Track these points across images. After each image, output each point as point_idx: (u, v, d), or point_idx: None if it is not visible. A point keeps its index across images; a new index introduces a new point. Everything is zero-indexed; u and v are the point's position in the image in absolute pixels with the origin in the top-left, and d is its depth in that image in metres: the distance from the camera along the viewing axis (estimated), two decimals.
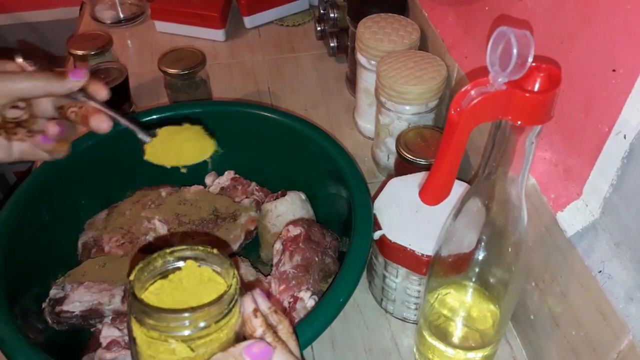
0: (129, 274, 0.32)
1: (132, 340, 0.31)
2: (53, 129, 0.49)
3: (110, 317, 0.55)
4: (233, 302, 0.31)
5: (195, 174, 0.70)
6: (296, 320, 0.51)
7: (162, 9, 1.02)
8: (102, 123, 0.48)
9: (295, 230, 0.57)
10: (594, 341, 0.45)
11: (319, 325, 0.45)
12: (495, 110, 0.35)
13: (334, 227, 0.62)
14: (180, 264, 0.33)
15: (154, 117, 0.66)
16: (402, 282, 0.55)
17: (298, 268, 0.54)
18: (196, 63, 0.78)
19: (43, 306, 0.55)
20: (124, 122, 0.50)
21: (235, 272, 0.32)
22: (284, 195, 0.64)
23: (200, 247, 0.33)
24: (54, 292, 0.55)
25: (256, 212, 0.65)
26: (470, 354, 0.50)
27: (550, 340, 0.51)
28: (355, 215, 0.53)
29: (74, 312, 0.54)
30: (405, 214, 0.54)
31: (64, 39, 0.86)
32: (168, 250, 0.33)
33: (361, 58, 0.75)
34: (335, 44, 0.92)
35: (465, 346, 0.50)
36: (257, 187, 0.69)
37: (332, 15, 0.90)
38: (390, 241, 0.53)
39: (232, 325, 0.32)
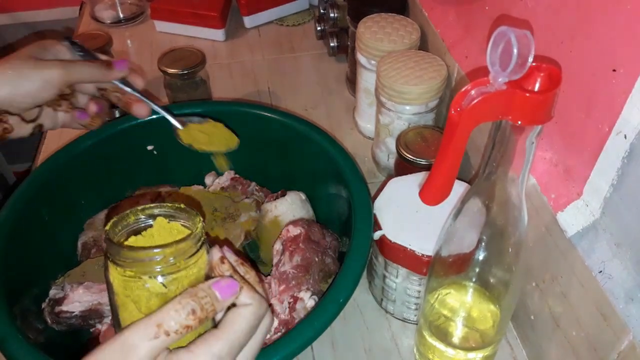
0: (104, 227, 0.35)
1: (110, 287, 0.34)
2: (92, 107, 0.58)
3: (110, 317, 0.55)
4: (200, 242, 0.34)
5: (196, 174, 0.71)
6: (296, 320, 0.51)
7: (161, 9, 1.02)
8: (142, 110, 0.58)
9: (295, 231, 0.57)
10: (594, 341, 0.45)
11: (319, 325, 0.45)
12: (496, 110, 0.35)
13: (334, 227, 0.62)
14: (151, 221, 0.36)
15: (154, 117, 0.66)
16: (402, 282, 0.55)
17: (298, 268, 0.54)
18: (196, 63, 0.78)
19: (43, 306, 0.55)
20: (160, 110, 0.59)
21: (201, 219, 0.35)
22: (284, 195, 0.64)
23: (169, 204, 0.36)
24: (53, 292, 0.55)
25: (256, 212, 0.65)
26: (471, 354, 0.50)
27: (550, 341, 0.51)
28: (355, 215, 0.53)
29: (73, 312, 0.54)
30: (405, 214, 0.54)
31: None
32: (139, 208, 0.36)
33: (361, 58, 0.75)
34: (336, 43, 0.92)
35: (465, 346, 0.50)
36: (257, 187, 0.69)
37: (332, 15, 0.90)
38: (391, 241, 0.52)
39: (201, 265, 0.35)
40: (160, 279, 0.33)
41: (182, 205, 0.36)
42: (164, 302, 0.32)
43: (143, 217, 0.36)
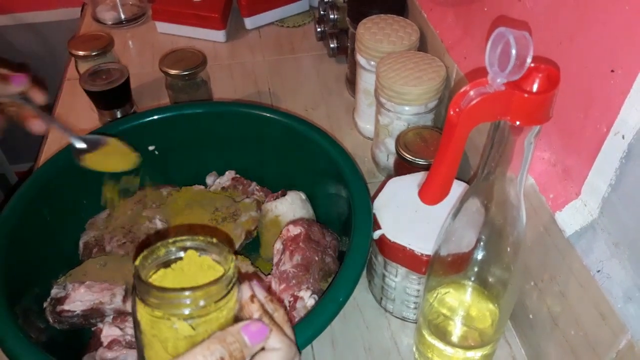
0: (133, 261, 0.33)
1: (137, 324, 0.33)
2: None
3: (112, 317, 0.55)
4: (231, 284, 0.33)
5: (197, 174, 0.71)
6: (296, 320, 0.52)
7: (163, 10, 1.02)
8: (37, 127, 0.55)
9: (295, 230, 0.57)
10: (592, 341, 0.45)
11: (319, 324, 0.45)
12: (494, 111, 0.35)
13: (334, 227, 0.62)
14: (182, 253, 0.35)
15: (155, 117, 0.66)
16: (401, 281, 0.56)
17: (298, 267, 0.54)
18: (197, 64, 0.78)
19: (44, 305, 0.55)
20: (58, 127, 0.56)
21: (234, 258, 0.34)
22: (284, 195, 0.64)
23: (201, 237, 0.35)
24: (55, 291, 0.56)
25: (256, 212, 0.65)
26: (470, 353, 0.51)
27: (549, 340, 0.51)
28: (355, 215, 0.53)
29: (75, 311, 0.54)
30: (404, 213, 0.55)
31: (65, 39, 0.86)
32: (170, 240, 0.35)
33: (361, 59, 0.75)
34: (335, 44, 0.92)
35: (464, 345, 0.50)
36: (257, 187, 0.69)
37: (332, 16, 0.91)
38: (390, 241, 0.53)
39: (231, 306, 0.33)
40: (189, 320, 0.32)
41: (215, 240, 0.35)
42: (192, 344, 0.31)
43: (174, 249, 0.35)
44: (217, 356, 0.31)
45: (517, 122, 0.35)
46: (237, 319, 0.34)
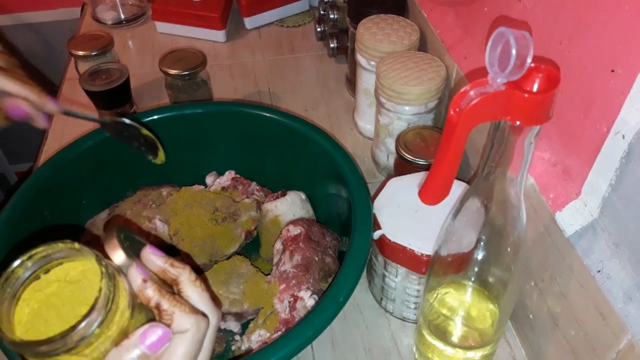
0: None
1: None
2: None
3: None
4: (109, 301, 0.30)
5: (196, 173, 0.71)
6: (296, 320, 0.52)
7: (163, 10, 1.02)
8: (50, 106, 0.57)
9: (295, 230, 0.57)
10: (593, 341, 0.45)
11: (318, 324, 0.45)
12: (494, 111, 0.35)
13: (334, 227, 0.62)
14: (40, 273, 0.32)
15: (155, 117, 0.66)
16: (401, 281, 0.56)
17: (298, 268, 0.54)
18: (197, 64, 0.78)
19: None
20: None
21: (103, 269, 0.31)
22: (284, 195, 0.64)
23: (59, 244, 0.32)
24: None
25: (256, 212, 0.65)
26: (470, 353, 0.51)
27: (549, 340, 0.51)
28: (355, 215, 0.53)
29: None
30: (404, 213, 0.55)
31: (65, 39, 0.86)
32: (24, 257, 0.32)
33: (361, 59, 0.75)
34: (335, 44, 0.92)
35: (464, 345, 0.50)
36: (257, 187, 0.69)
37: (332, 16, 0.90)
38: (390, 241, 0.53)
39: (119, 320, 0.31)
40: (76, 354, 0.29)
41: (76, 245, 0.31)
42: None
43: (30, 264, 0.31)
44: None
45: (517, 122, 0.35)
46: (133, 305, 0.32)
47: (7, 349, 0.44)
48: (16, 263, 0.31)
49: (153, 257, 0.34)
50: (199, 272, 0.60)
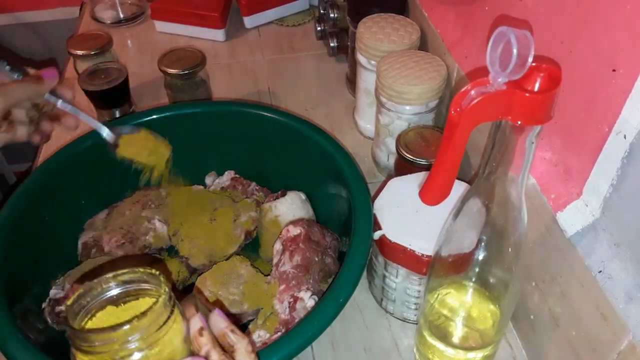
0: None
1: None
2: (47, 126, 0.61)
3: None
4: (168, 307, 0.31)
5: (196, 173, 0.71)
6: (296, 320, 0.51)
7: (162, 9, 1.02)
8: (71, 122, 0.61)
9: (295, 230, 0.57)
10: (594, 341, 0.45)
11: (319, 325, 0.45)
12: (496, 110, 0.35)
13: (334, 227, 0.62)
14: (117, 290, 0.33)
15: (154, 117, 0.66)
16: (402, 282, 0.55)
17: (298, 268, 0.54)
18: (196, 63, 0.78)
19: (43, 306, 0.55)
20: (91, 121, 0.60)
21: (168, 285, 0.32)
22: (284, 195, 0.64)
23: (140, 270, 0.33)
24: (54, 292, 0.55)
25: (256, 212, 0.65)
26: (471, 354, 0.50)
27: (550, 341, 0.51)
28: (355, 215, 0.53)
29: None
30: (405, 214, 0.54)
31: (64, 39, 0.86)
32: (110, 275, 0.33)
33: (361, 58, 0.75)
34: (335, 44, 0.92)
35: (465, 346, 0.50)
36: (257, 187, 0.69)
37: (332, 15, 0.90)
38: (390, 241, 0.53)
39: (176, 332, 0.32)
40: (137, 355, 0.30)
41: (143, 270, 0.33)
42: None
43: (113, 284, 0.33)
44: None
45: (519, 122, 0.35)
46: (192, 352, 0.33)
47: (7, 350, 0.44)
48: (107, 276, 0.33)
49: (218, 320, 0.35)
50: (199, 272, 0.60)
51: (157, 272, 0.33)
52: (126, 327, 0.30)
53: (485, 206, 0.42)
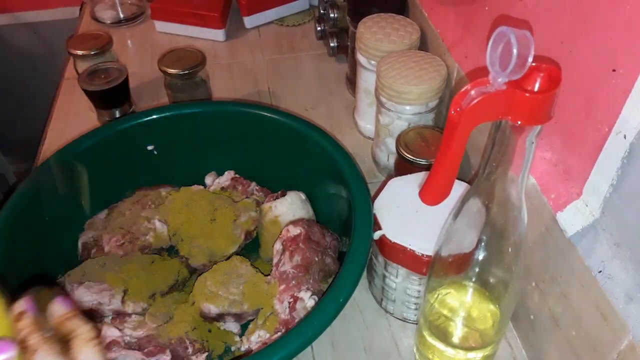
0: None
1: None
2: None
3: (110, 317, 0.55)
4: None
5: (196, 173, 0.71)
6: (296, 320, 0.51)
7: (162, 9, 1.02)
8: None
9: (295, 230, 0.57)
10: (594, 341, 0.45)
11: (318, 325, 0.45)
12: (495, 110, 0.35)
13: (334, 227, 0.62)
14: None
15: (154, 117, 0.66)
16: (402, 282, 0.55)
17: (298, 268, 0.54)
18: (196, 63, 0.78)
19: None
20: None
21: None
22: (284, 195, 0.64)
23: None
24: None
25: (256, 212, 0.65)
26: (471, 354, 0.50)
27: (550, 341, 0.51)
28: (355, 215, 0.53)
29: None
30: (405, 214, 0.54)
31: (64, 39, 0.86)
32: None
33: (361, 58, 0.75)
34: (335, 44, 0.92)
35: (465, 346, 0.50)
36: (257, 187, 0.69)
37: (332, 15, 0.90)
38: (390, 241, 0.52)
39: None
40: None
41: None
42: None
43: None
44: None
45: (519, 122, 0.35)
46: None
47: None
48: None
49: (57, 306, 0.34)
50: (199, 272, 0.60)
51: None
52: None
53: (485, 206, 0.42)
